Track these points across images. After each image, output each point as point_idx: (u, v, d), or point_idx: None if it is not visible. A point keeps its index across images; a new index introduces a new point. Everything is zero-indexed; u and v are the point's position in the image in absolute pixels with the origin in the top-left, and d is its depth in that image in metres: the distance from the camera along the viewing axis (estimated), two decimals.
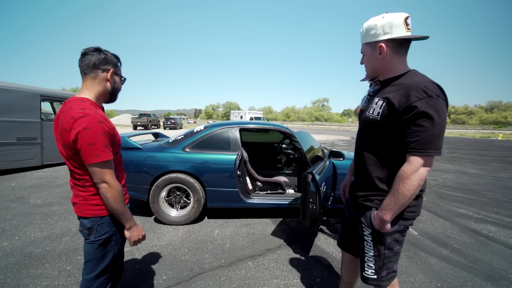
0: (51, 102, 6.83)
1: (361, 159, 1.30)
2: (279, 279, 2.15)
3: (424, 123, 1.03)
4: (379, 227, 1.19)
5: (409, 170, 1.07)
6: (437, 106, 1.03)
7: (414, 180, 1.06)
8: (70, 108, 1.12)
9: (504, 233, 3.20)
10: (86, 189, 1.19)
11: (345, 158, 3.39)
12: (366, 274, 1.29)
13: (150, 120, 26.65)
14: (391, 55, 1.17)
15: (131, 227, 1.26)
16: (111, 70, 1.24)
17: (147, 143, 3.53)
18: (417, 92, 1.04)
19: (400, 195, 1.09)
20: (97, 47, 1.22)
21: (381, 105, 1.16)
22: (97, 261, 1.23)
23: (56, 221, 3.12)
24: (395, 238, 1.23)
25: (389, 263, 1.26)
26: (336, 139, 19.10)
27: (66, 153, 1.16)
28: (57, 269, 2.16)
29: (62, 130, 1.12)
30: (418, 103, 1.03)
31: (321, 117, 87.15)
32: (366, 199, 1.26)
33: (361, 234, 1.30)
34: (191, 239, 2.78)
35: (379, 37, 1.15)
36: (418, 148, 1.05)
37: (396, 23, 1.12)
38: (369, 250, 1.27)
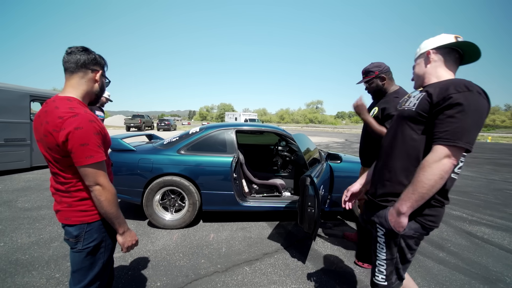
0: (41, 103, 6.65)
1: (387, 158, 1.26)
2: (276, 284, 2.10)
3: (458, 114, 0.99)
4: (394, 223, 1.12)
5: (431, 158, 1.02)
6: (475, 101, 1.00)
7: (435, 169, 1.00)
8: (56, 108, 1.05)
9: (498, 235, 3.23)
10: (71, 195, 1.12)
11: (343, 161, 3.38)
12: (377, 280, 1.25)
13: (144, 121, 26.33)
14: (438, 62, 1.21)
15: (124, 232, 1.20)
16: (100, 71, 1.21)
17: (141, 145, 3.45)
18: (458, 86, 1.03)
19: (419, 183, 1.03)
20: (84, 47, 1.17)
21: (418, 97, 1.16)
22: (85, 271, 1.16)
23: (45, 225, 3.01)
24: (408, 244, 1.18)
25: (399, 269, 1.22)
26: (330, 141, 19.20)
27: (51, 156, 1.09)
28: (45, 277, 2.06)
29: (47, 131, 1.05)
30: (456, 95, 1.01)
31: (315, 119, 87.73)
32: (384, 199, 1.22)
33: (374, 236, 1.26)
34: (186, 244, 2.71)
35: (427, 48, 1.24)
36: (445, 138, 1.00)
37: (445, 37, 1.20)
38: (381, 253, 1.22)
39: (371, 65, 2.31)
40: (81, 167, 1.06)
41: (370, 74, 2.29)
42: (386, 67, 2.27)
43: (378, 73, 2.25)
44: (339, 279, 2.20)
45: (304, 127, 56.43)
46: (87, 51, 1.16)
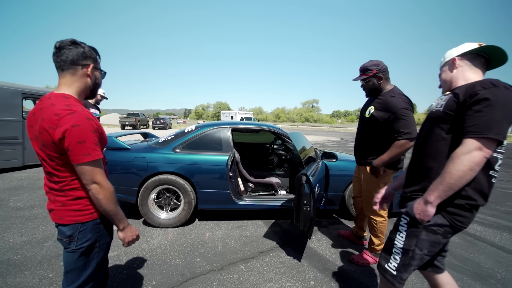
0: (33, 100, 6.54)
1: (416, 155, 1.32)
2: (272, 282, 2.11)
3: (485, 108, 1.02)
4: (420, 212, 1.14)
5: (460, 151, 1.05)
6: (503, 95, 1.03)
7: (464, 161, 1.02)
8: (52, 105, 1.03)
9: (489, 232, 3.28)
10: (65, 194, 1.10)
11: (338, 159, 3.39)
12: (388, 267, 1.27)
13: (139, 119, 26.10)
14: (463, 67, 1.26)
15: (124, 227, 1.21)
16: (91, 65, 1.15)
17: (136, 144, 3.42)
18: (484, 83, 1.07)
19: (447, 174, 1.05)
20: (72, 40, 1.11)
21: (445, 99, 1.20)
22: (79, 271, 1.14)
23: (37, 225, 2.97)
24: (429, 239, 1.19)
25: (412, 266, 1.23)
26: (326, 140, 19.29)
27: (46, 154, 1.07)
28: (38, 277, 2.03)
29: (43, 128, 1.03)
30: (482, 91, 1.05)
31: (311, 118, 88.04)
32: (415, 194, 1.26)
33: (396, 225, 1.29)
34: (181, 242, 2.70)
35: (453, 55, 1.29)
36: (475, 131, 1.03)
37: (469, 45, 1.25)
38: (400, 241, 1.24)
39: (369, 63, 2.30)
40: (78, 165, 1.04)
41: (368, 72, 2.28)
42: (384, 66, 2.27)
43: (376, 72, 2.25)
44: (334, 277, 2.22)
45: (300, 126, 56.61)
46: (75, 45, 1.11)
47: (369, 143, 2.35)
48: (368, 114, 2.31)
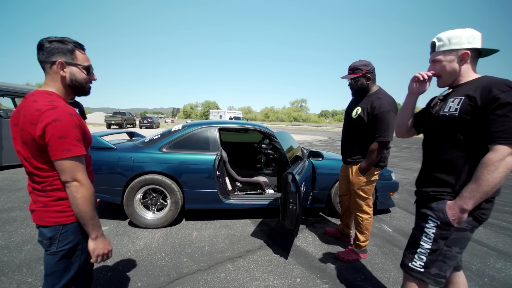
0: (12, 98, 6.26)
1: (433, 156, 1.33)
2: (259, 280, 2.13)
3: (509, 113, 1.06)
4: (455, 217, 1.17)
5: (495, 157, 1.07)
6: None
7: (500, 168, 1.06)
8: (35, 101, 1.01)
9: None
10: (47, 194, 1.07)
11: (324, 158, 3.45)
12: (413, 265, 1.28)
13: (125, 118, 25.47)
14: (469, 63, 1.26)
15: (97, 237, 1.13)
16: (57, 62, 1.07)
17: (121, 143, 3.35)
18: (500, 86, 1.10)
19: (484, 182, 1.08)
20: (46, 39, 1.07)
21: (459, 102, 1.20)
22: (59, 274, 1.11)
23: (16, 228, 2.86)
24: (459, 237, 1.21)
25: (443, 262, 1.23)
26: (314, 139, 19.53)
27: (27, 152, 1.04)
28: (15, 282, 1.96)
29: (25, 124, 1.00)
30: (502, 95, 1.07)
31: (299, 118, 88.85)
32: (438, 194, 1.27)
33: (421, 226, 1.30)
34: (168, 243, 2.67)
35: (463, 45, 1.24)
36: (505, 137, 1.06)
37: (477, 36, 1.24)
38: (427, 243, 1.26)
39: (359, 63, 2.33)
40: (57, 161, 1.01)
41: (358, 72, 2.31)
42: (373, 67, 2.32)
43: (366, 72, 2.29)
44: (320, 273, 2.26)
45: (288, 125, 57.02)
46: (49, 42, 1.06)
47: (355, 142, 2.40)
48: (355, 115, 2.36)
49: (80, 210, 1.06)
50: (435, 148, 1.32)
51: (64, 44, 1.09)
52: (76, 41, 1.13)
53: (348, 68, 2.40)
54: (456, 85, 1.31)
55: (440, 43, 1.30)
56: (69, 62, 1.10)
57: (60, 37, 1.10)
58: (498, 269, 2.45)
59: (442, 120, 1.27)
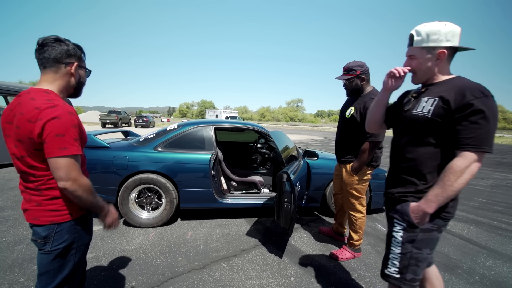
0: (4, 96, 6.17)
1: (401, 156, 1.31)
2: (254, 279, 2.14)
3: (481, 120, 1.07)
4: (418, 219, 1.18)
5: (462, 164, 1.08)
6: (492, 106, 1.08)
7: (466, 175, 1.08)
8: (32, 99, 1.01)
9: (459, 226, 3.50)
10: (41, 193, 1.07)
11: (319, 158, 3.48)
12: (389, 272, 1.27)
13: (121, 117, 25.22)
14: (445, 62, 1.24)
15: (106, 214, 1.22)
16: (75, 64, 1.13)
17: (116, 142, 3.33)
18: (474, 91, 1.09)
19: (449, 187, 1.10)
20: (56, 37, 1.09)
21: (432, 103, 1.19)
22: (54, 273, 1.11)
23: (8, 227, 2.82)
24: (426, 238, 1.21)
25: (415, 266, 1.22)
26: (310, 139, 19.61)
27: (21, 150, 1.03)
28: (7, 282, 1.94)
29: (21, 122, 0.99)
30: (475, 101, 1.07)
31: (296, 118, 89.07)
32: (403, 195, 1.27)
33: (390, 230, 1.30)
34: (163, 242, 2.67)
35: (441, 43, 1.19)
36: (473, 144, 1.07)
37: (456, 32, 1.19)
38: (396, 247, 1.25)
39: (354, 63, 2.35)
40: (52, 159, 1.00)
41: (352, 73, 2.34)
42: (367, 67, 2.35)
43: (360, 73, 2.32)
44: (314, 272, 2.28)
45: (284, 125, 57.17)
46: (59, 42, 1.09)
47: (349, 142, 2.43)
48: (348, 115, 2.39)
49: (85, 203, 1.11)
50: (403, 147, 1.30)
51: (79, 49, 1.17)
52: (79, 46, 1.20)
53: (343, 69, 2.43)
54: (430, 84, 1.28)
55: (418, 38, 1.24)
56: (82, 65, 1.19)
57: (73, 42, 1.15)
58: (489, 267, 2.50)
59: (414, 120, 1.25)
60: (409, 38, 1.28)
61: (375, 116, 1.53)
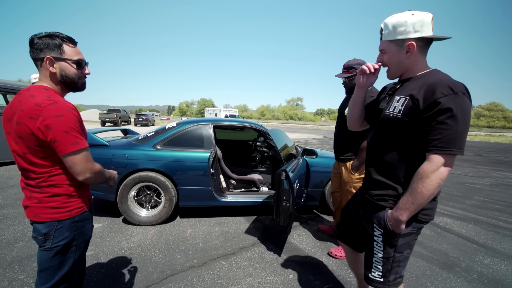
0: (3, 94, 6.16)
1: (376, 157, 1.26)
2: (252, 277, 2.15)
3: (448, 120, 0.99)
4: (393, 228, 1.14)
5: (429, 168, 1.03)
6: (462, 104, 1.00)
7: (434, 180, 1.02)
8: (32, 96, 1.01)
9: (457, 224, 3.51)
10: (42, 190, 1.07)
11: (318, 156, 3.48)
12: (372, 276, 1.25)
13: (120, 116, 25.23)
14: (417, 54, 1.15)
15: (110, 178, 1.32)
16: (46, 57, 1.05)
17: (115, 140, 3.33)
18: (443, 88, 1.01)
19: (419, 194, 1.05)
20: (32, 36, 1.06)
21: (403, 103, 1.12)
22: (54, 270, 1.11)
23: (8, 225, 2.83)
24: (407, 241, 1.19)
25: (397, 267, 1.21)
26: (309, 138, 19.61)
27: (23, 147, 1.03)
28: (7, 279, 1.94)
29: (22, 119, 1.00)
30: (443, 99, 1.00)
31: (295, 116, 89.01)
32: (381, 198, 1.22)
33: (371, 235, 1.25)
34: (162, 240, 2.67)
35: (409, 35, 1.11)
36: (440, 147, 1.01)
37: (426, 21, 1.10)
38: (378, 252, 1.22)
39: (354, 61, 2.34)
40: (67, 155, 1.02)
41: (352, 71, 2.33)
42: None
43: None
44: (312, 270, 2.29)
45: (284, 124, 57.14)
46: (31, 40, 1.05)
47: (347, 140, 2.43)
48: (347, 113, 2.38)
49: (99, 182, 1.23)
50: (379, 148, 1.25)
51: (52, 39, 1.06)
52: (65, 35, 1.10)
53: (343, 67, 2.42)
54: (406, 79, 1.21)
55: (385, 32, 1.17)
56: (58, 57, 1.08)
57: (49, 32, 1.08)
58: (487, 265, 2.51)
59: (386, 121, 1.20)
60: (380, 32, 1.21)
61: (353, 114, 1.50)
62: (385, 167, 1.22)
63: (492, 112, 64.49)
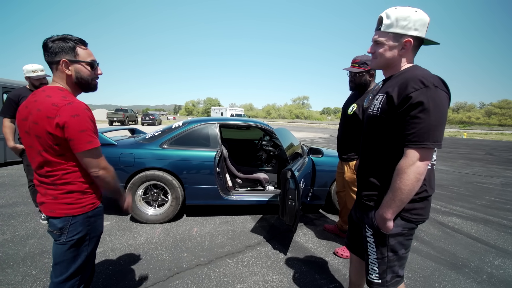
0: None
1: (365, 157, 1.27)
2: (258, 275, 2.16)
3: (420, 114, 1.00)
4: (380, 226, 1.14)
5: (405, 164, 1.03)
6: (434, 97, 1.00)
7: (411, 174, 1.02)
8: (48, 96, 1.06)
9: (467, 224, 3.44)
10: (56, 188, 1.12)
11: (324, 155, 3.46)
12: (370, 278, 1.24)
13: (127, 115, 25.56)
14: (409, 53, 1.15)
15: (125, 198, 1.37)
16: (61, 61, 1.10)
17: (123, 139, 3.38)
18: (414, 83, 1.02)
19: (398, 190, 1.04)
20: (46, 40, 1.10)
21: (381, 100, 1.14)
22: (68, 263, 1.16)
23: (20, 222, 2.91)
24: (399, 241, 1.17)
25: (393, 267, 1.20)
26: (315, 137, 19.51)
27: (39, 145, 1.07)
28: (20, 274, 2.00)
29: (40, 118, 1.04)
30: (414, 93, 1.00)
31: (301, 115, 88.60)
32: (369, 198, 1.23)
33: (364, 235, 1.26)
34: (169, 238, 2.71)
35: (409, 32, 1.10)
36: (414, 141, 1.01)
37: (425, 22, 1.11)
38: (372, 253, 1.22)
39: (366, 57, 2.27)
40: (82, 153, 1.08)
41: (364, 66, 2.26)
42: None
43: (371, 68, 2.24)
44: (318, 269, 2.29)
45: (290, 123, 56.94)
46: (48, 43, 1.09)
47: (351, 139, 2.41)
48: (350, 112, 2.36)
49: (112, 189, 1.25)
50: (366, 148, 1.26)
51: (66, 42, 1.11)
52: (77, 38, 1.15)
53: (353, 61, 2.34)
54: (387, 78, 1.22)
55: (387, 22, 1.14)
56: (73, 60, 1.12)
57: (61, 35, 1.11)
58: (497, 266, 2.46)
59: (369, 120, 1.22)
60: (377, 21, 1.19)
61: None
62: (371, 167, 1.23)
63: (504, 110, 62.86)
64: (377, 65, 1.24)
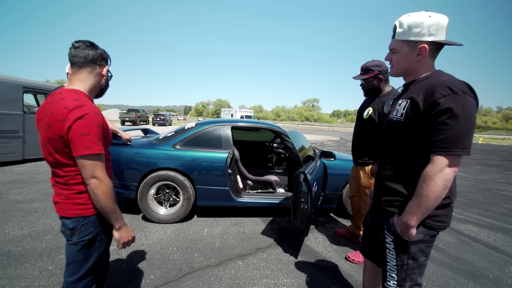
0: (34, 94, 6.55)
1: (385, 163, 1.25)
2: (269, 278, 2.15)
3: (449, 120, 0.98)
4: (403, 233, 1.11)
5: (432, 170, 1.01)
6: (463, 103, 0.98)
7: (438, 181, 1.00)
8: (62, 99, 1.08)
9: (484, 233, 3.33)
10: (69, 188, 1.13)
11: (336, 159, 3.42)
12: (388, 285, 1.21)
13: (139, 115, 26.09)
14: (427, 58, 1.13)
15: (120, 227, 1.20)
16: (106, 66, 1.24)
17: (136, 139, 3.44)
18: (442, 89, 1.00)
19: (424, 197, 1.02)
20: (90, 42, 1.19)
21: (404, 106, 1.13)
22: (80, 263, 1.17)
23: (37, 218, 3.00)
24: (420, 248, 1.15)
25: (412, 274, 1.17)
26: (325, 139, 19.33)
27: (51, 147, 1.09)
28: (37, 269, 2.06)
29: (52, 121, 1.06)
30: (442, 99, 0.99)
31: (311, 117, 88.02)
32: (390, 204, 1.20)
33: (383, 242, 1.23)
34: (180, 238, 2.73)
35: (423, 38, 1.09)
36: (442, 147, 0.99)
37: (442, 25, 1.07)
38: (392, 259, 1.19)
39: (371, 63, 2.30)
40: (78, 158, 1.06)
41: (369, 73, 2.29)
42: (386, 67, 2.28)
43: (378, 73, 2.26)
44: (329, 274, 2.25)
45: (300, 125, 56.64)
46: (94, 46, 1.19)
47: (366, 143, 2.38)
48: (366, 116, 2.33)
49: (102, 205, 1.11)
50: (386, 153, 1.24)
51: (106, 52, 1.27)
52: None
53: (360, 69, 2.38)
54: (410, 83, 1.20)
55: (400, 30, 1.13)
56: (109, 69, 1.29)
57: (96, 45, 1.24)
58: None
59: (391, 125, 1.20)
60: (393, 29, 1.18)
61: None
62: (392, 172, 1.20)
63: None
64: (395, 73, 1.24)
